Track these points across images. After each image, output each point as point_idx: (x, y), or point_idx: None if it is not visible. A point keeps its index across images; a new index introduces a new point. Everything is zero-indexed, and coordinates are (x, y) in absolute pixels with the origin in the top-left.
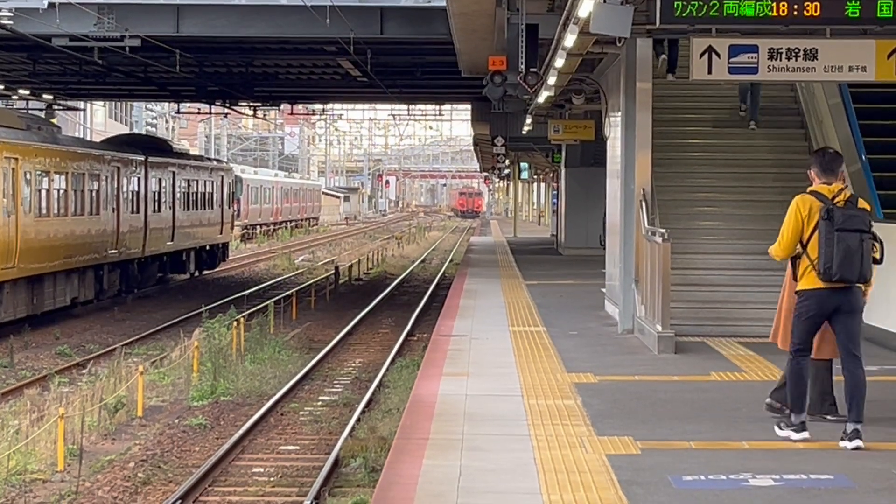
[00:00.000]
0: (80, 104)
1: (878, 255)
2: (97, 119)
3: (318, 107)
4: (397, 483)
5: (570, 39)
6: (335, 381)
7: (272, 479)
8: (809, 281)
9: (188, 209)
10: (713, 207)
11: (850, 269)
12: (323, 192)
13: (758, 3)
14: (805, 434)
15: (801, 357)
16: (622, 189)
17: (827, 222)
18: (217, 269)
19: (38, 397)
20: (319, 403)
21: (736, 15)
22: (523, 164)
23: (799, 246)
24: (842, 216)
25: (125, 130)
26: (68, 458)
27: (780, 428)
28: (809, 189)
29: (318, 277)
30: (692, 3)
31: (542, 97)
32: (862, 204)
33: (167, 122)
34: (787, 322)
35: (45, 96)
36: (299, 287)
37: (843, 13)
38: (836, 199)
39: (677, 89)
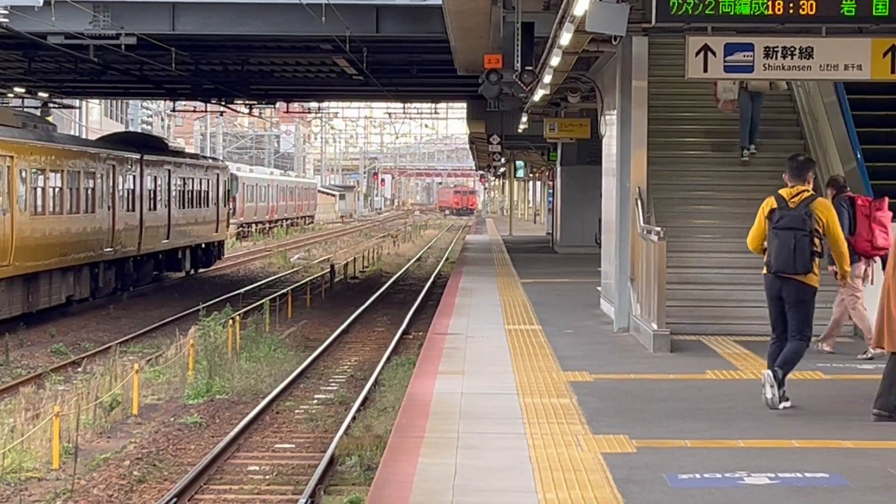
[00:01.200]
0: (76, 102)
1: (818, 250)
2: (93, 117)
3: (313, 105)
4: (393, 481)
5: (565, 38)
6: (331, 380)
7: (267, 477)
8: (765, 269)
9: (184, 207)
10: (709, 205)
11: (784, 263)
12: (318, 191)
13: (753, 1)
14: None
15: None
16: (618, 187)
17: (768, 221)
18: (212, 268)
19: (34, 395)
20: (315, 402)
21: (731, 13)
22: (519, 163)
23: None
24: (779, 216)
25: (121, 128)
26: (63, 457)
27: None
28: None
29: (314, 276)
30: (688, 1)
31: (538, 95)
32: (820, 204)
33: (163, 120)
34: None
35: (40, 94)
36: (295, 285)
37: (839, 11)
38: (793, 200)
39: (674, 87)
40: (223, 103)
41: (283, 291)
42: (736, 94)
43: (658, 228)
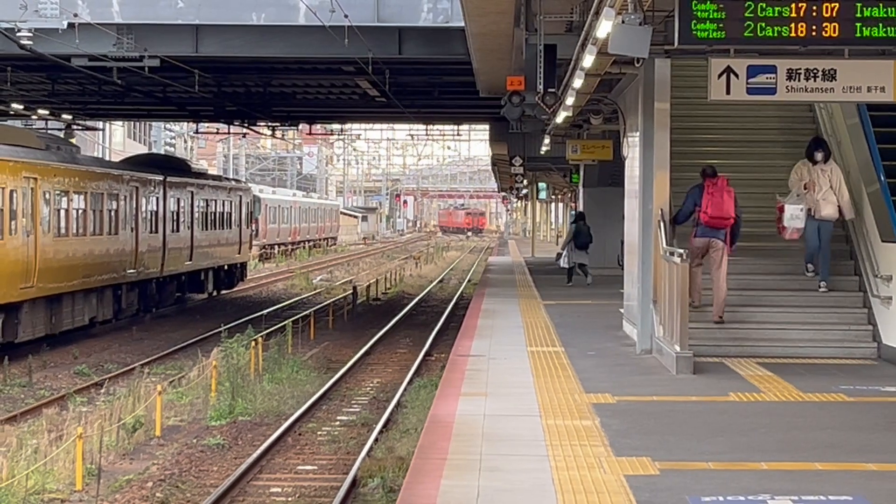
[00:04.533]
0: (99, 124)
1: None
2: (116, 139)
3: (336, 126)
4: (415, 503)
5: (588, 60)
6: (353, 401)
7: (290, 499)
8: None
9: (206, 229)
10: None
11: None
12: (341, 212)
13: (776, 23)
14: None
15: None
16: (640, 209)
17: None
18: (235, 289)
19: (57, 417)
20: (337, 423)
21: (754, 35)
22: (541, 184)
23: None
24: None
25: (144, 150)
26: (86, 478)
27: None
28: None
29: (336, 297)
30: (710, 23)
31: (561, 117)
32: None
33: (186, 141)
34: None
35: (64, 116)
36: (317, 307)
37: (862, 33)
38: None
39: (697, 109)
40: (246, 125)
41: (305, 313)
42: (803, 222)
43: (681, 250)
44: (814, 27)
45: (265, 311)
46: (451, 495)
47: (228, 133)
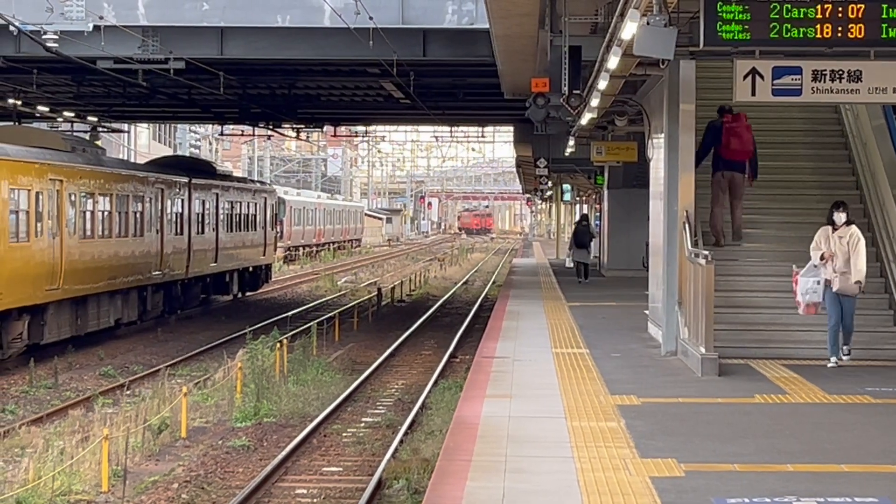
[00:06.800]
0: (125, 126)
1: None
2: (141, 141)
3: (360, 128)
4: None
5: (613, 61)
6: (378, 403)
7: (315, 500)
8: None
9: (231, 231)
10: (756, 229)
11: None
12: (365, 214)
13: (801, 25)
14: None
15: None
16: (665, 211)
17: None
18: (260, 291)
19: (83, 418)
20: (362, 425)
21: (779, 37)
22: (566, 186)
23: None
24: None
25: (169, 152)
26: (112, 479)
27: None
28: None
29: (361, 299)
30: (735, 25)
31: (585, 119)
32: None
33: (211, 143)
34: None
35: (89, 118)
36: (342, 308)
37: (888, 35)
38: None
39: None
40: (271, 127)
41: (330, 315)
42: (820, 297)
43: (706, 252)
44: (839, 28)
45: (290, 313)
46: (477, 497)
47: (253, 135)
